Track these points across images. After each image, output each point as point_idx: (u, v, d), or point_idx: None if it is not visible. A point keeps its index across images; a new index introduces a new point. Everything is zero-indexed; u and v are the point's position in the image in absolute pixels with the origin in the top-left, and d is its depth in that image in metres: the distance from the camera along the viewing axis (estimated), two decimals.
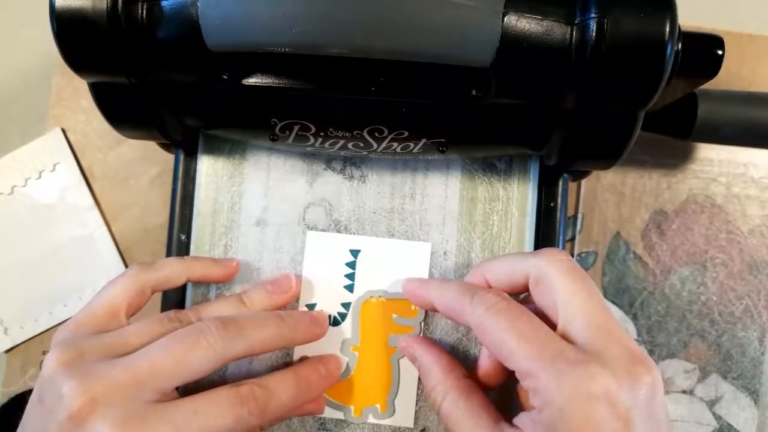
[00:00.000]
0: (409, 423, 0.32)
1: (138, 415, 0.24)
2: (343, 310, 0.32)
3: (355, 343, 0.32)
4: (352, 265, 0.32)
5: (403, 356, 0.32)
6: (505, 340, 0.24)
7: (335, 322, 0.32)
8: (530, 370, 0.24)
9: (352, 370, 0.32)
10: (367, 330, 0.32)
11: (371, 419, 0.32)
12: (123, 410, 0.24)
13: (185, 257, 0.32)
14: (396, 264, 0.32)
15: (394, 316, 0.32)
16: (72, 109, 0.40)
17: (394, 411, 0.32)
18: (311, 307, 0.32)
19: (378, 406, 0.32)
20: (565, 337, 0.25)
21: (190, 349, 0.25)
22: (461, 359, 0.32)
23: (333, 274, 0.32)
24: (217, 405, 0.25)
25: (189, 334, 0.26)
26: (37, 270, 0.39)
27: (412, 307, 0.32)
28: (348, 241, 0.32)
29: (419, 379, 0.32)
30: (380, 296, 0.32)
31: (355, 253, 0.32)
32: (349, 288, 0.32)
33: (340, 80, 0.25)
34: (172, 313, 0.29)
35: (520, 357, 0.24)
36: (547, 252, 0.27)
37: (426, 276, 0.32)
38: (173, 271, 0.30)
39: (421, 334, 0.32)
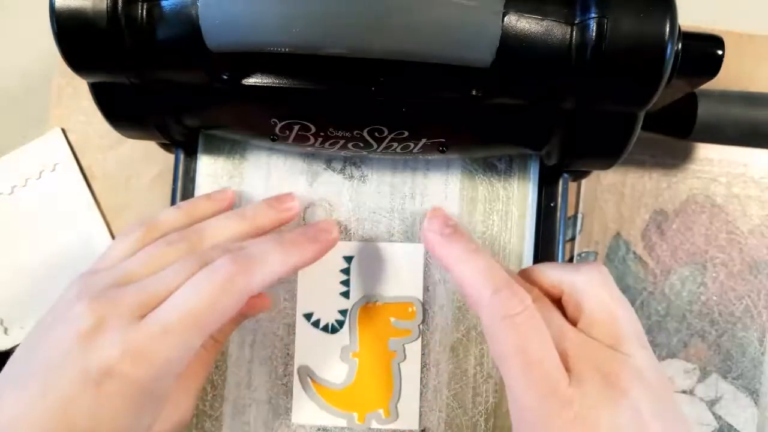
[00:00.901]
0: (414, 426, 0.32)
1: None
2: (340, 317, 0.32)
3: (355, 349, 0.32)
4: (346, 271, 0.32)
5: (404, 360, 0.32)
6: (508, 357, 0.24)
7: (333, 329, 0.32)
8: (522, 398, 0.23)
9: (354, 376, 0.32)
10: (366, 335, 0.32)
11: (375, 425, 0.32)
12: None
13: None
14: (390, 267, 0.32)
15: (392, 319, 0.32)
16: (72, 109, 0.40)
17: (397, 415, 0.32)
18: (308, 316, 0.32)
19: (381, 411, 0.32)
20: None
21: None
22: (461, 359, 0.32)
23: (328, 281, 0.32)
24: (200, 281, 0.24)
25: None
26: (37, 270, 0.39)
27: (410, 310, 0.32)
28: (341, 247, 0.32)
29: (421, 381, 0.32)
30: (377, 301, 0.32)
31: (348, 259, 0.32)
32: (345, 294, 0.32)
33: (340, 80, 0.25)
34: (175, 238, 0.27)
35: (518, 383, 0.24)
36: (588, 267, 0.27)
37: (420, 277, 0.32)
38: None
39: (420, 336, 0.32)
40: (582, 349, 0.24)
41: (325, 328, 0.32)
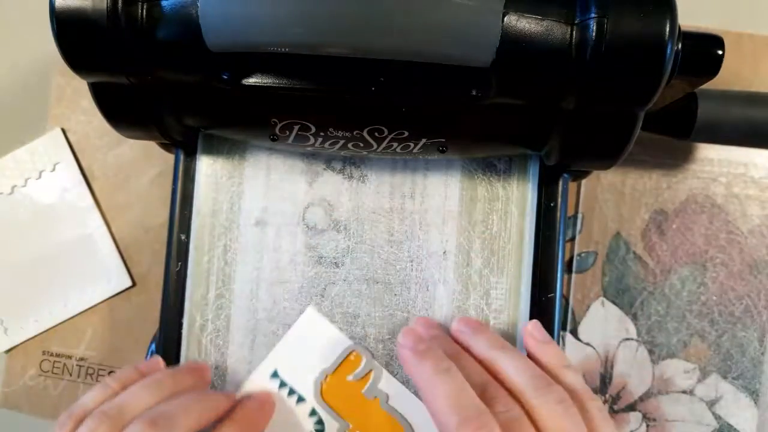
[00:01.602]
0: None
1: None
2: (314, 419, 0.32)
3: (347, 425, 0.32)
4: (283, 383, 0.32)
5: (387, 398, 0.32)
6: None
7: (318, 431, 0.32)
8: None
9: None
10: (343, 409, 0.32)
11: None
12: None
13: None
14: (307, 346, 0.32)
15: (348, 377, 0.32)
16: (72, 109, 0.40)
17: None
18: None
19: None
20: None
21: None
22: None
23: (279, 404, 0.32)
24: None
25: None
26: (37, 270, 0.39)
27: (352, 358, 0.32)
28: (262, 371, 0.32)
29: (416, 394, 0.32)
30: (323, 377, 0.32)
31: (275, 374, 0.32)
32: (300, 399, 0.32)
33: (340, 80, 0.25)
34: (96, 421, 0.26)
35: None
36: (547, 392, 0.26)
37: (334, 329, 0.32)
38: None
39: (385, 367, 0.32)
40: None
41: None
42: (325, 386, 0.32)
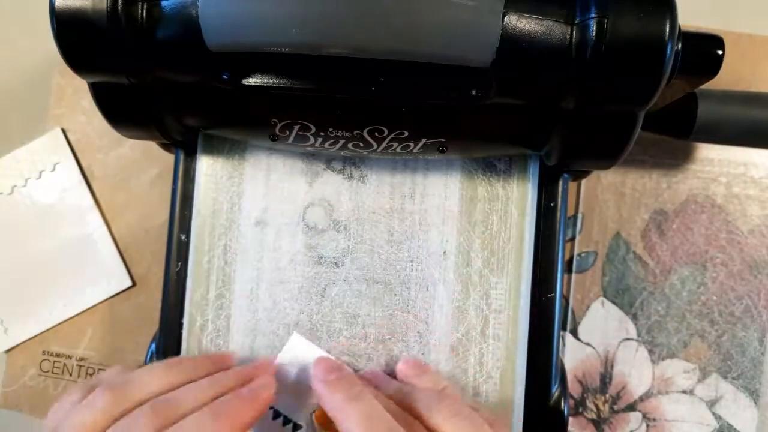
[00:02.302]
0: None
1: None
2: None
3: None
4: (276, 413, 0.32)
5: None
6: None
7: None
8: None
9: None
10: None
11: None
12: None
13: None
14: (294, 372, 0.32)
15: None
16: (72, 109, 0.40)
17: None
18: None
19: None
20: None
21: None
22: (461, 359, 0.32)
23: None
24: None
25: None
26: (37, 270, 0.39)
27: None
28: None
29: None
30: (315, 403, 0.32)
31: (276, 412, 0.32)
32: (296, 427, 0.32)
33: (340, 80, 0.25)
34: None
35: None
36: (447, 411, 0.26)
37: (321, 351, 0.32)
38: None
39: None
40: None
41: None
42: (318, 411, 0.32)
